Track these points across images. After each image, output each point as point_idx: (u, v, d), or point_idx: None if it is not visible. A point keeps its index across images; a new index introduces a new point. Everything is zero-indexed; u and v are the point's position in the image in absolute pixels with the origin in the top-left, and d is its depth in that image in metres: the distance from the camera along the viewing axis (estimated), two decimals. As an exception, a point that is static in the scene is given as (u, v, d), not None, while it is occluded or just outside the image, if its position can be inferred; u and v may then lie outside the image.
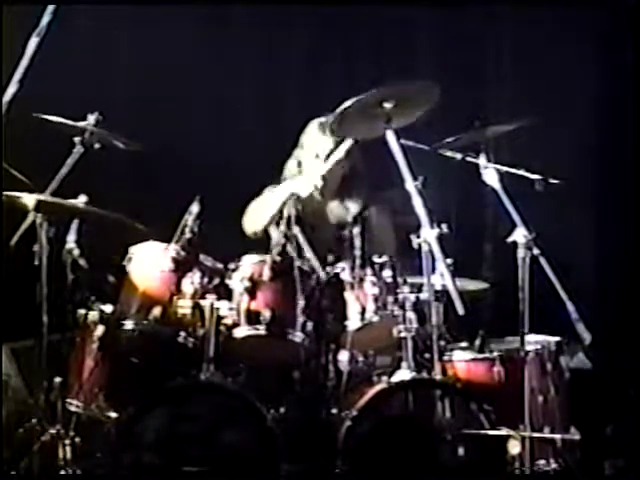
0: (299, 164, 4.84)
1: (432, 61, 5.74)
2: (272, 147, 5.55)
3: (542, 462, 4.07)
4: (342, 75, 5.74)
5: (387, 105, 4.03)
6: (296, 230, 4.40)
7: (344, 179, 4.79)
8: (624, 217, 5.48)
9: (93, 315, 4.18)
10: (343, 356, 4.25)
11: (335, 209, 4.77)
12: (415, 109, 4.15)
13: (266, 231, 4.71)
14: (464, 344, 4.32)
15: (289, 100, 5.74)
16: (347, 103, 4.03)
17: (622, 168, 5.56)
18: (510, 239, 4.01)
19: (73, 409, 4.08)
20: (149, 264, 4.19)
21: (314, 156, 4.75)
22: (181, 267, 4.15)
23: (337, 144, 4.69)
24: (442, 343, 4.09)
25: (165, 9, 5.30)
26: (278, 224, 4.39)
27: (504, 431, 3.90)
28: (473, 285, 4.62)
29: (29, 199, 3.99)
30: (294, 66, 5.77)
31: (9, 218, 4.08)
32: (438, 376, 4.01)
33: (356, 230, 4.24)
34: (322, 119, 4.74)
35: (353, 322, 4.14)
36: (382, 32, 5.73)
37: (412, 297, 4.10)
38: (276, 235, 4.42)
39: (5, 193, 3.98)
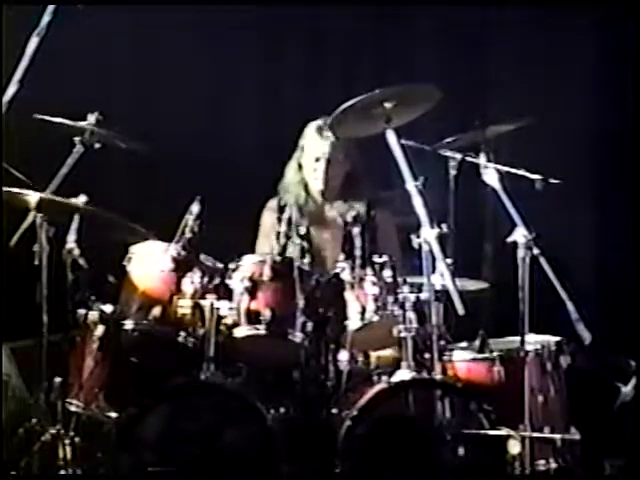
0: (300, 166, 4.83)
1: (432, 61, 5.74)
2: (272, 147, 5.56)
3: (542, 462, 4.07)
4: (342, 75, 5.74)
5: (387, 105, 4.03)
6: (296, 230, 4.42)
7: (347, 179, 4.79)
8: (624, 217, 5.48)
9: (93, 315, 4.17)
10: (343, 356, 4.25)
11: (339, 209, 4.76)
12: (415, 109, 4.15)
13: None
14: (464, 344, 4.32)
15: (289, 100, 5.74)
16: (348, 103, 4.03)
17: (622, 168, 5.55)
18: (510, 239, 4.01)
19: (73, 409, 4.08)
20: (149, 264, 4.19)
21: (314, 160, 4.75)
22: (181, 267, 4.15)
23: (334, 147, 4.69)
24: (442, 343, 4.09)
25: (165, 9, 5.30)
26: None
27: (504, 431, 3.90)
28: (473, 285, 4.62)
29: (31, 197, 3.99)
30: (294, 66, 5.77)
31: (9, 218, 4.09)
32: (438, 376, 4.01)
33: (356, 230, 4.24)
34: (319, 122, 4.73)
35: (353, 322, 4.14)
36: (382, 32, 5.73)
37: (412, 297, 4.09)
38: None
39: (7, 189, 3.98)
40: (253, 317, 4.09)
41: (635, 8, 5.27)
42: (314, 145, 4.73)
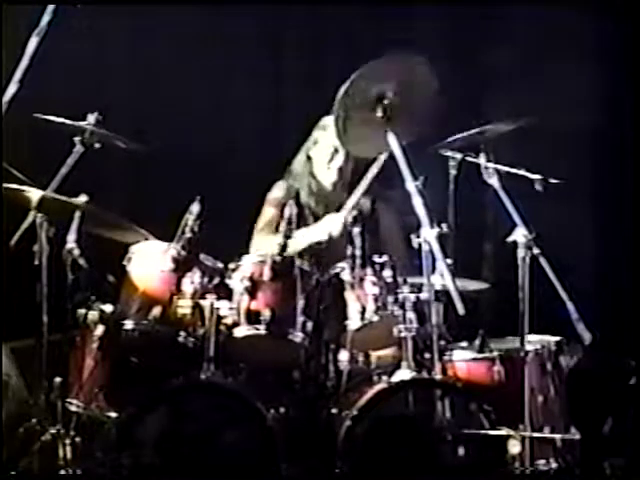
0: (309, 158, 4.84)
1: (432, 61, 5.73)
2: (272, 147, 5.56)
3: (542, 462, 4.07)
4: (341, 75, 5.73)
5: (386, 101, 4.03)
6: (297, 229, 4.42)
7: (354, 174, 4.79)
8: (624, 217, 5.48)
9: (93, 315, 4.18)
10: (343, 356, 4.25)
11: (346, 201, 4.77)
12: (414, 98, 4.14)
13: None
14: (464, 344, 4.32)
15: (289, 100, 5.74)
16: (345, 86, 4.03)
17: (622, 168, 5.56)
18: (510, 239, 4.01)
19: (73, 409, 4.09)
20: (149, 264, 4.19)
21: (333, 150, 4.74)
22: (181, 267, 4.15)
23: None
24: (442, 343, 4.09)
25: (165, 9, 5.30)
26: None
27: (504, 431, 3.90)
28: (473, 285, 4.62)
29: (34, 194, 3.99)
30: (294, 65, 5.76)
31: (10, 217, 4.09)
32: (438, 376, 4.01)
33: (356, 230, 4.24)
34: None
35: (353, 322, 4.14)
36: (383, 30, 5.72)
37: (412, 297, 4.10)
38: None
39: (8, 186, 3.98)
40: (253, 317, 4.09)
41: (635, 8, 5.27)
42: (333, 136, 4.68)
